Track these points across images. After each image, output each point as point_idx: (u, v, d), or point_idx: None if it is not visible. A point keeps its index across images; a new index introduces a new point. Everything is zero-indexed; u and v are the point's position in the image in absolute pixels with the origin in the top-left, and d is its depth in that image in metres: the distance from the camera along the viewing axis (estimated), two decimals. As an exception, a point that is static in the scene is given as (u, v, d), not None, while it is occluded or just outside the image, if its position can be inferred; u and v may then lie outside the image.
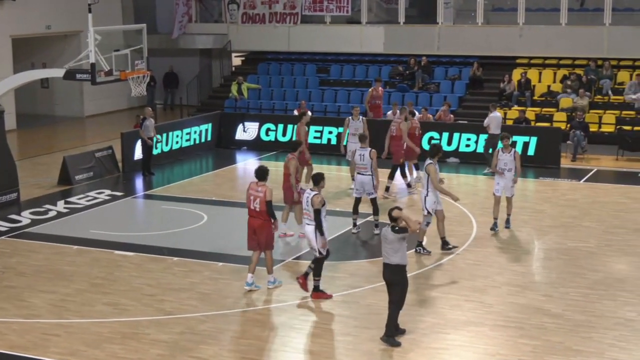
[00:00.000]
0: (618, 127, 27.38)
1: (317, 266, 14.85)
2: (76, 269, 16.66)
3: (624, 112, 28.33)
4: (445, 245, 17.38)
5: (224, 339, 13.29)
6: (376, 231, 18.13)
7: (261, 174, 15.09)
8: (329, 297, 14.91)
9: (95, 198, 22.22)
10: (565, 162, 25.58)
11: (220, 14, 36.87)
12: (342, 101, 31.82)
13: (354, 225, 18.82)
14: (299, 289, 15.08)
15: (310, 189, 14.99)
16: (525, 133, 25.62)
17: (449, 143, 26.00)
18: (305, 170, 21.10)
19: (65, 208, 21.30)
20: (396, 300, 12.95)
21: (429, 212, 17.06)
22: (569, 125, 27.19)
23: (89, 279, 16.06)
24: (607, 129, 27.91)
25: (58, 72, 22.90)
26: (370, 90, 28.63)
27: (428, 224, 17.13)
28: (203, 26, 37.05)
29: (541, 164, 24.63)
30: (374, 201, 18.56)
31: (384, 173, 20.77)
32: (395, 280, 12.94)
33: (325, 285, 15.47)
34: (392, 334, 12.95)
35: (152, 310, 14.44)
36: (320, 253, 14.75)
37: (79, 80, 22.49)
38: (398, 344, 12.89)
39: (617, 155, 26.26)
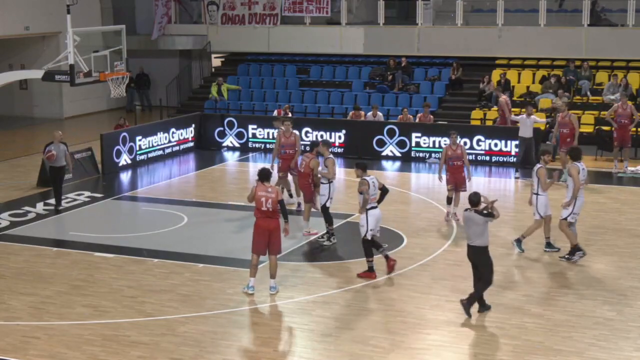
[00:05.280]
0: (597, 127, 27.49)
1: None
2: (56, 271, 16.58)
3: (602, 112, 28.42)
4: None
5: (204, 340, 13.26)
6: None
7: (266, 175, 15.03)
8: None
9: (75, 200, 22.11)
10: (545, 163, 25.65)
11: (199, 15, 36.79)
12: (322, 102, 31.82)
13: (331, 234, 18.25)
14: (280, 290, 15.18)
15: None
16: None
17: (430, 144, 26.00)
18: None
19: (44, 210, 21.19)
20: (485, 279, 13.99)
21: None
22: (547, 126, 27.29)
23: (68, 281, 15.99)
24: (586, 129, 27.99)
25: (37, 74, 22.80)
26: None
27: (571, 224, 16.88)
28: (182, 27, 36.99)
29: (521, 164, 24.67)
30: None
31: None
32: (482, 261, 14.00)
33: (304, 285, 15.53)
34: (472, 303, 13.96)
35: (132, 312, 14.40)
36: None
37: (58, 81, 22.40)
38: (469, 315, 13.89)
39: (595, 155, 26.37)
